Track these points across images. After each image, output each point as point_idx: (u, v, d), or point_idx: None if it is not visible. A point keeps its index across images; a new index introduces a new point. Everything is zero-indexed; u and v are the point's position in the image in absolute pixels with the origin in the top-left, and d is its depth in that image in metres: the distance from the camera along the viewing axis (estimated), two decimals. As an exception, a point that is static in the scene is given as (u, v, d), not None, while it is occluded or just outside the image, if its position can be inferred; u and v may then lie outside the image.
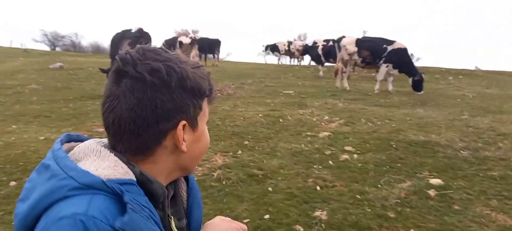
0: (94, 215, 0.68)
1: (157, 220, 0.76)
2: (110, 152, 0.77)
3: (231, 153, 5.24)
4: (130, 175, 0.75)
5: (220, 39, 21.33)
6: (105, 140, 0.83)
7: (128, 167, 0.77)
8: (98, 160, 0.75)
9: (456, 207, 3.76)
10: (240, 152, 5.29)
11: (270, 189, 4.17)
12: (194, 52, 12.68)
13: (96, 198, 0.70)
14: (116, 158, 0.76)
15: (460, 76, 15.19)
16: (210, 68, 18.80)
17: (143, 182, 0.78)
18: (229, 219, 1.03)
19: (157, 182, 0.80)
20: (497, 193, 4.03)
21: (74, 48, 39.42)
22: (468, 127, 6.38)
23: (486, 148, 5.29)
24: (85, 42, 41.26)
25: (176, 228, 0.87)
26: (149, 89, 0.74)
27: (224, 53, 34.74)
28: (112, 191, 0.71)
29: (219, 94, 10.30)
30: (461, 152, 5.20)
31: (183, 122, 0.79)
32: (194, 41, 12.79)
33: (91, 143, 0.80)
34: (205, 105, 0.84)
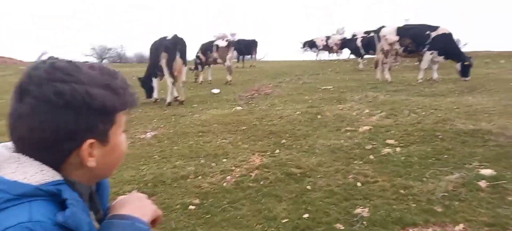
0: (39, 219, 0.68)
1: (88, 213, 0.78)
2: (29, 157, 0.76)
3: (268, 153, 5.21)
4: (58, 176, 0.76)
5: (256, 39, 21.54)
6: (10, 144, 0.80)
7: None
8: (21, 167, 0.74)
9: (510, 199, 3.49)
10: (277, 151, 5.25)
11: (308, 187, 4.09)
12: (231, 54, 12.81)
13: (35, 204, 0.70)
14: (39, 162, 0.75)
15: (514, 59, 14.18)
16: (248, 69, 19.00)
17: (68, 182, 0.78)
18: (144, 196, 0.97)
19: (78, 183, 0.81)
20: (559, 182, 3.69)
21: (120, 59, 41.06)
22: (524, 112, 5.92)
23: (545, 134, 4.88)
24: (130, 53, 42.82)
25: (97, 221, 0.87)
26: (52, 112, 0.72)
27: (262, 53, 34.81)
28: (48, 194, 0.72)
29: (256, 94, 10.32)
30: (516, 139, 4.82)
31: (90, 141, 0.77)
32: (230, 43, 12.92)
33: (0, 150, 0.77)
34: (120, 117, 0.83)
